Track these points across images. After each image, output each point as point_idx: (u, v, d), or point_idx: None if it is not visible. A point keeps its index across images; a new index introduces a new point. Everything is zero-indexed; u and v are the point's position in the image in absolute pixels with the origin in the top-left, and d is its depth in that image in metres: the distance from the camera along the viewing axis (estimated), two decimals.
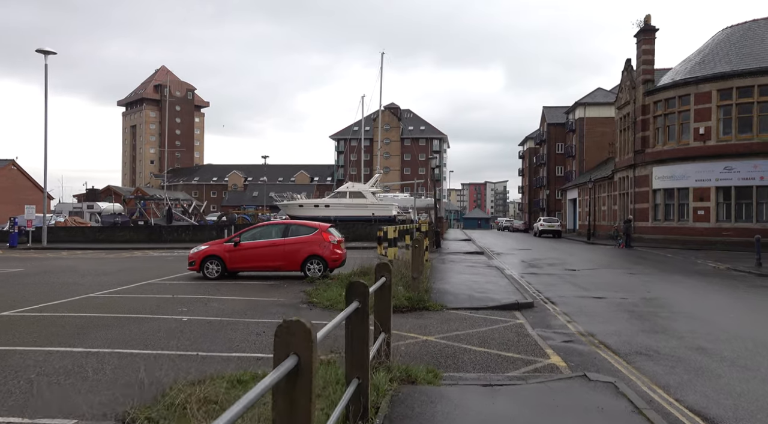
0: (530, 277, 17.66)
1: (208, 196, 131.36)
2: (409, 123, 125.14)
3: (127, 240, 37.03)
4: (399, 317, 10.46)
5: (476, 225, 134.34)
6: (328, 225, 16.87)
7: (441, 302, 11.81)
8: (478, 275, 16.89)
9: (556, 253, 29.50)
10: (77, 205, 48.82)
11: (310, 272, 16.15)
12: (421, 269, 13.13)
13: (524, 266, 21.53)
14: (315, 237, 16.33)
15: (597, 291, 14.27)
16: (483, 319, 10.30)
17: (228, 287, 14.66)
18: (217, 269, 16.31)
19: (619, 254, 28.74)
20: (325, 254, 16.15)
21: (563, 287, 15.08)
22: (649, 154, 38.60)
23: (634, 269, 20.53)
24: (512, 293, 13.03)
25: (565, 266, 21.52)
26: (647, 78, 39.04)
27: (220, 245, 16.52)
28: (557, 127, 77.00)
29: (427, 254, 19.55)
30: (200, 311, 11.12)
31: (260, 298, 12.97)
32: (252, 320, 10.24)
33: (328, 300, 12.25)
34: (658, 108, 38.04)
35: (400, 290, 12.16)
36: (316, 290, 13.81)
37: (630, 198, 41.11)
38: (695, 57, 38.15)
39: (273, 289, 14.46)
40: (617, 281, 16.77)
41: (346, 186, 56.44)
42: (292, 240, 16.32)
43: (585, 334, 9.05)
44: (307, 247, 16.22)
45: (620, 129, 44.61)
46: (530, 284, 15.66)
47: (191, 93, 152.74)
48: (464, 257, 25.07)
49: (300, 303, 12.30)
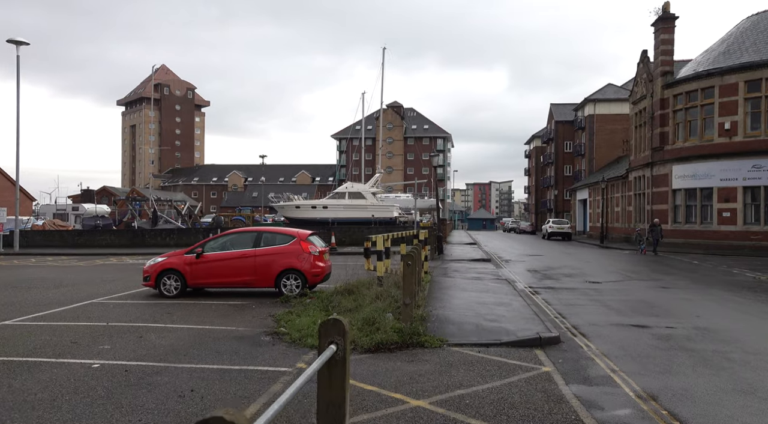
0: (547, 293, 15.01)
1: (207, 196, 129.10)
2: (413, 122, 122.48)
3: (108, 244, 34.53)
4: (385, 359, 7.89)
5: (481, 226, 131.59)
6: (308, 233, 14.27)
7: (441, 334, 9.20)
8: (487, 292, 14.24)
9: (570, 259, 26.81)
10: (61, 206, 46.44)
11: (286, 289, 13.56)
12: (416, 291, 10.53)
13: (538, 277, 18.88)
14: (292, 247, 13.74)
15: (633, 315, 11.62)
16: (496, 363, 7.69)
17: (183, 310, 12.08)
18: (176, 285, 13.73)
19: (641, 261, 26.03)
20: (304, 268, 13.56)
21: (590, 309, 12.43)
22: (669, 151, 35.86)
23: (665, 281, 17.85)
24: (530, 320, 10.40)
25: (585, 277, 18.86)
26: (666, 70, 36.29)
27: (180, 257, 13.93)
28: (565, 125, 74.25)
29: (426, 265, 16.93)
30: (126, 349, 8.54)
31: (215, 326, 10.38)
32: (187, 365, 7.66)
33: (299, 330, 9.68)
34: (679, 102, 35.29)
35: (389, 319, 9.56)
36: (289, 313, 11.24)
37: (647, 199, 38.38)
38: (718, 46, 35.39)
39: (236, 312, 11.88)
40: (652, 298, 14.10)
41: (345, 186, 53.94)
42: (264, 251, 13.72)
43: (644, 396, 6.41)
44: (282, 259, 13.62)
45: (636, 125, 41.86)
46: (549, 304, 13.02)
47: (191, 92, 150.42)
48: (469, 266, 22.43)
49: (263, 334, 9.73)
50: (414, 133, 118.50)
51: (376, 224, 42.60)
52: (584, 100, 63.81)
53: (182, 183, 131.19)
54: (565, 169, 75.41)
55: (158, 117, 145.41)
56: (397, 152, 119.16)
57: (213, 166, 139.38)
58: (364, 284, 13.16)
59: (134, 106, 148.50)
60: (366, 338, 8.91)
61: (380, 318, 9.61)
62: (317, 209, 50.36)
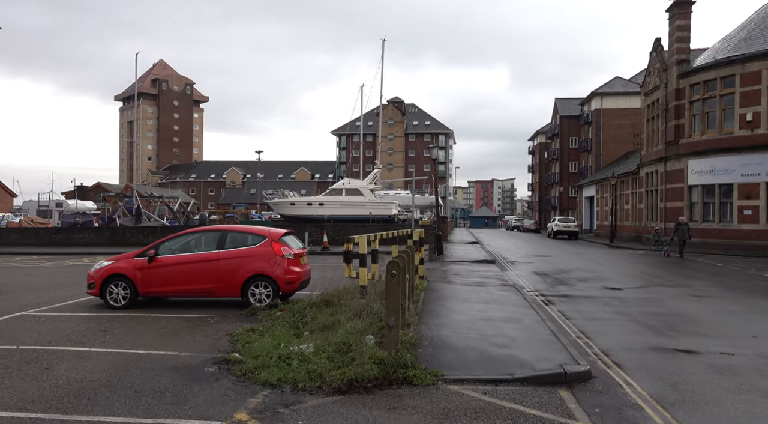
0: (563, 303, 12.84)
1: (205, 193, 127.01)
2: (414, 118, 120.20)
3: (87, 243, 32.43)
4: (359, 404, 5.80)
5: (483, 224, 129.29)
6: (282, 232, 12.11)
7: (435, 365, 7.07)
8: (492, 303, 12.07)
9: (582, 261, 24.63)
10: (44, 202, 44.38)
11: (255, 299, 11.43)
12: (405, 306, 8.41)
13: (549, 283, 16.71)
14: (262, 249, 11.59)
15: (674, 335, 9.47)
16: (509, 413, 5.55)
17: (124, 326, 9.95)
18: (125, 294, 11.60)
19: (659, 264, 23.83)
20: (275, 274, 11.42)
21: (619, 325, 10.27)
22: (684, 145, 33.62)
23: (695, 287, 15.67)
24: (548, 343, 8.25)
25: (602, 282, 16.69)
26: (682, 58, 34.03)
27: (130, 261, 11.78)
28: (571, 120, 71.93)
29: (422, 268, 14.77)
30: (13, 389, 6.40)
31: (152, 350, 8.25)
32: (82, 418, 5.52)
33: (256, 357, 7.60)
34: (696, 92, 33.03)
35: (370, 345, 7.43)
36: (250, 332, 9.14)
37: (660, 196, 36.15)
38: (738, 33, 33.12)
39: (188, 329, 9.74)
40: (689, 310, 11.93)
41: (342, 183, 51.91)
42: (229, 253, 11.58)
43: None
44: (250, 263, 11.48)
45: (647, 117, 39.59)
46: (567, 318, 10.86)
47: (190, 87, 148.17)
48: (471, 268, 20.28)
49: (209, 362, 7.60)
50: (415, 130, 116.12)
51: (373, 221, 40.60)
52: (591, 93, 61.51)
53: (180, 180, 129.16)
54: (571, 165, 73.12)
55: (156, 113, 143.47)
56: (398, 149, 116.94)
57: (211, 163, 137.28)
58: (348, 292, 11.02)
59: (132, 102, 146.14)
60: (337, 371, 6.79)
61: (357, 343, 7.47)
62: (313, 206, 48.48)
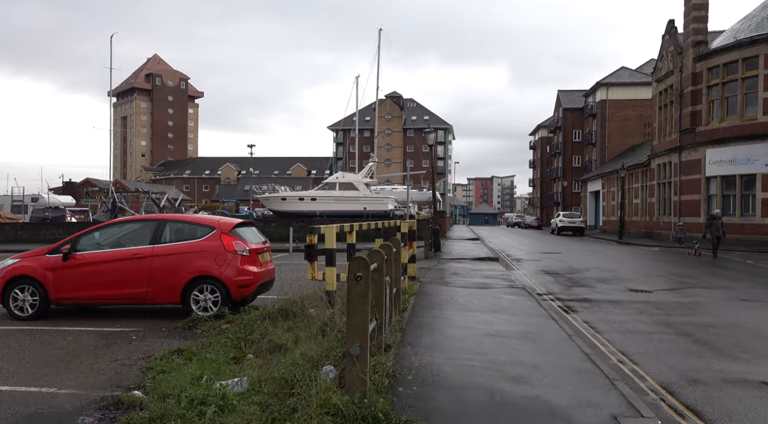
0: (587, 310, 10.38)
1: (200, 190, 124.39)
2: (413, 113, 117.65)
3: (55, 239, 29.73)
4: None
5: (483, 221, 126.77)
6: (235, 222, 9.65)
7: (421, 417, 4.63)
8: (500, 312, 9.60)
9: (595, 258, 22.17)
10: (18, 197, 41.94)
11: (198, 306, 8.98)
12: (380, 324, 5.95)
13: (564, 284, 14.25)
14: (209, 244, 9.14)
15: (748, 356, 7.00)
16: None
17: (16, 345, 7.51)
18: (33, 301, 9.13)
19: (685, 262, 21.36)
20: (224, 275, 8.96)
21: (666, 342, 7.80)
22: (701, 133, 31.15)
23: (738, 289, 13.20)
24: (585, 375, 5.81)
25: (624, 283, 14.24)
26: (699, 39, 31.53)
27: (40, 258, 9.31)
28: (574, 113, 69.44)
29: (413, 268, 12.31)
30: None
31: (22, 386, 5.81)
32: None
33: (166, 394, 5.25)
34: (714, 75, 30.55)
35: (326, 380, 4.98)
36: (175, 354, 6.76)
37: (674, 188, 33.69)
38: (760, 11, 30.62)
39: (93, 351, 7.28)
40: (746, 320, 9.46)
41: (335, 176, 49.55)
42: (167, 249, 9.12)
43: None
44: (193, 261, 9.03)
45: (659, 105, 37.11)
46: (598, 332, 8.41)
47: (185, 82, 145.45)
48: (472, 267, 17.83)
49: (92, 409, 5.19)
50: (414, 125, 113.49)
51: (368, 217, 38.29)
52: (596, 84, 58.99)
53: (174, 176, 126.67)
54: (574, 159, 70.62)
55: (150, 108, 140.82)
56: (396, 144, 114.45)
57: (206, 159, 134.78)
58: (317, 298, 8.58)
59: (125, 97, 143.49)
60: None
61: (306, 381, 5.01)
62: (305, 202, 46.21)
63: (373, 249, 6.27)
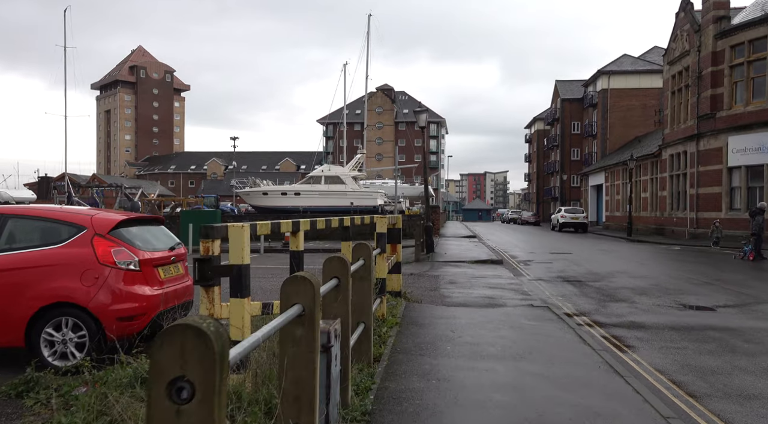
0: (649, 347, 7.15)
1: (185, 185, 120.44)
2: (404, 106, 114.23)
3: None
4: None
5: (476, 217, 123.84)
6: (118, 219, 6.31)
7: None
8: (527, 357, 6.31)
9: (614, 260, 18.98)
10: None
11: (53, 351, 5.66)
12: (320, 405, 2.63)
13: (594, 297, 11.02)
14: (72, 252, 5.82)
15: None
16: None
17: None
18: None
19: (721, 264, 18.22)
20: (96, 302, 5.64)
21: None
22: (723, 119, 28.04)
23: None
24: None
25: (671, 296, 11.04)
26: (720, 14, 28.38)
27: None
28: (573, 103, 66.29)
29: (398, 280, 9.01)
30: None
31: None
32: None
33: None
34: (738, 54, 27.41)
35: None
36: None
37: (690, 180, 30.59)
38: None
39: None
40: None
41: (321, 169, 46.31)
42: (4, 261, 5.80)
43: None
44: (44, 280, 5.71)
45: (672, 90, 33.98)
46: (689, 395, 5.18)
47: (170, 75, 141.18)
48: (473, 273, 14.59)
49: None
50: (405, 118, 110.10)
51: (355, 213, 35.07)
52: (597, 72, 55.87)
53: (158, 171, 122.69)
54: (573, 152, 67.51)
55: (134, 101, 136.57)
56: (388, 138, 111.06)
57: (191, 154, 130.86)
58: None
59: (109, 90, 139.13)
60: None
61: None
62: (288, 196, 43.00)
63: (300, 275, 3.00)
